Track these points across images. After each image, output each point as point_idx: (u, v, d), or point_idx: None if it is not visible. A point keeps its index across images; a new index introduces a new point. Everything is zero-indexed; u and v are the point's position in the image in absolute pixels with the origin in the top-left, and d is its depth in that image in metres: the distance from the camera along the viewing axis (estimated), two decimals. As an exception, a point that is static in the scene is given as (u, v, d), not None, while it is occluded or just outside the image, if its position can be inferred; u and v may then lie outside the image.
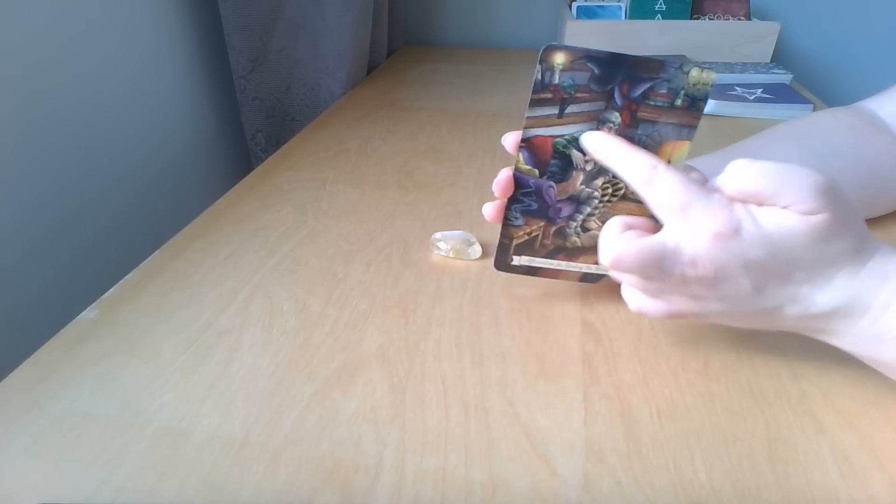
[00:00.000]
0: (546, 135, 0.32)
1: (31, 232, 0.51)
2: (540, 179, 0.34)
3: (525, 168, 0.34)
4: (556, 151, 0.33)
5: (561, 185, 0.34)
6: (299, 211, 0.50)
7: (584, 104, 0.31)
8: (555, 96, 0.31)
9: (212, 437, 0.29)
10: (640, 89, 0.30)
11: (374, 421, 0.30)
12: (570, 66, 0.30)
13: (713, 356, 0.34)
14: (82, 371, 0.33)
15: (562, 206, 0.34)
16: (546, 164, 0.33)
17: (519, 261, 0.37)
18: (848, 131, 0.45)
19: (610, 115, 0.31)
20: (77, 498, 0.26)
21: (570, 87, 0.31)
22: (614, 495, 0.26)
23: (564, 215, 0.35)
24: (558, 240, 0.36)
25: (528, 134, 0.33)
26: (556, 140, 0.32)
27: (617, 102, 0.31)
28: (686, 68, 0.30)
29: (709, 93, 0.30)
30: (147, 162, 0.65)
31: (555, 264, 0.37)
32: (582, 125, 0.32)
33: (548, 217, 0.35)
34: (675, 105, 0.31)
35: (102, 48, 0.57)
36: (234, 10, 0.72)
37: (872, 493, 0.26)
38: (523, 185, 0.34)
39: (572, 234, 0.35)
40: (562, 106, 0.31)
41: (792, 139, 0.45)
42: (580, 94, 0.31)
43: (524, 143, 0.33)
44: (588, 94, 0.31)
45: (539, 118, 0.32)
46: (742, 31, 0.86)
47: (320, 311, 0.38)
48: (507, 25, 1.11)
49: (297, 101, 0.81)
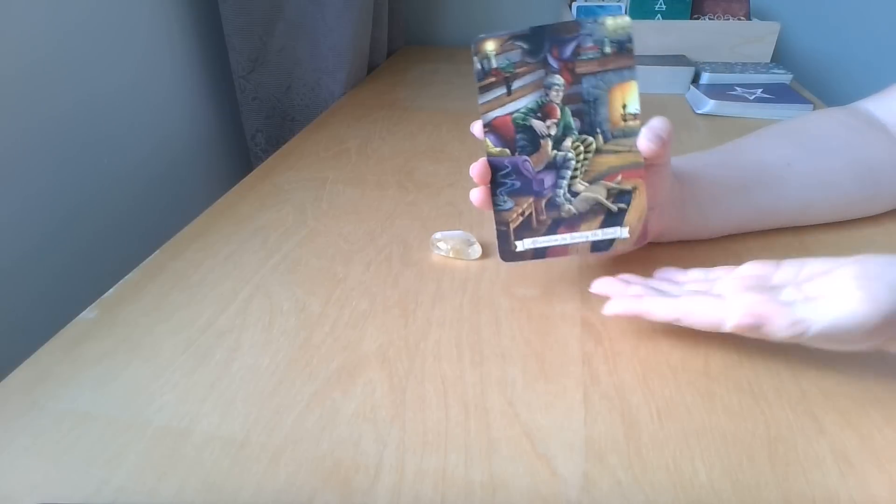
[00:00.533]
0: (503, 114, 0.35)
1: (31, 232, 0.51)
2: (513, 157, 0.35)
3: (496, 151, 0.35)
4: (518, 126, 0.35)
5: (534, 156, 0.35)
6: (299, 211, 0.50)
7: (527, 77, 0.34)
8: (498, 78, 0.34)
9: (212, 437, 0.29)
10: (569, 49, 0.34)
11: (374, 421, 0.30)
12: (501, 49, 0.34)
13: (713, 356, 0.34)
14: (82, 371, 0.33)
15: (543, 176, 0.36)
16: (513, 140, 0.35)
17: (523, 245, 0.37)
18: (844, 130, 0.45)
19: (552, 79, 0.34)
20: (77, 498, 0.26)
21: (508, 66, 0.34)
22: (614, 495, 0.26)
23: (549, 185, 0.36)
24: (552, 212, 0.36)
25: (488, 118, 0.35)
26: (514, 116, 0.35)
27: (553, 66, 0.34)
28: (600, 20, 0.33)
29: (630, 35, 0.33)
30: (147, 162, 0.65)
31: (559, 239, 0.36)
32: (531, 95, 0.35)
33: (533, 191, 0.36)
34: (605, 53, 0.34)
35: (102, 48, 0.57)
36: (234, 10, 0.72)
37: (872, 493, 0.26)
38: (500, 167, 0.35)
39: (564, 203, 0.36)
40: (507, 84, 0.34)
41: (788, 138, 0.45)
42: (519, 70, 0.34)
43: (487, 128, 0.35)
44: (526, 67, 0.34)
45: (491, 101, 0.35)
46: (742, 31, 0.86)
47: (320, 311, 0.38)
48: (507, 26, 1.11)
49: (297, 101, 0.81)
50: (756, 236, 0.45)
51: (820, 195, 0.43)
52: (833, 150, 0.44)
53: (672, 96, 0.81)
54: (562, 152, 0.35)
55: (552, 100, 0.34)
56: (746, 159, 0.43)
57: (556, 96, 0.34)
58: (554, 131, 0.35)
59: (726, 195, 0.42)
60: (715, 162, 0.42)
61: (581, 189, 0.35)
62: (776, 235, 0.45)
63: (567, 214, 0.36)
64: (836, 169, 0.43)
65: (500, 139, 0.35)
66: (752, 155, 0.43)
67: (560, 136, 0.35)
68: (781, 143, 0.44)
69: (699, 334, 0.35)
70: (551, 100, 0.34)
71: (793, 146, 0.44)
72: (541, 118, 0.35)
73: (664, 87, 0.82)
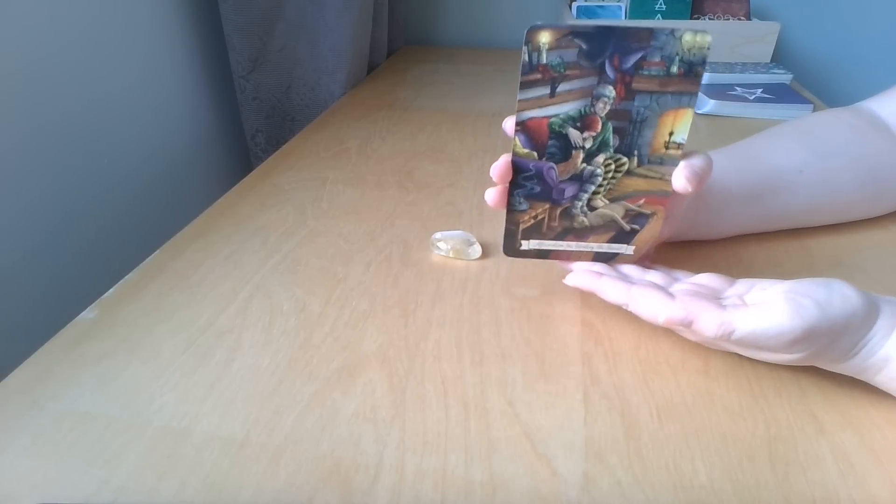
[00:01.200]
0: (540, 116, 0.32)
1: (32, 232, 0.51)
2: (540, 162, 0.33)
3: (523, 152, 0.33)
4: (553, 132, 0.32)
5: (561, 165, 0.33)
6: (299, 211, 0.50)
7: (576, 81, 0.31)
8: (544, 76, 0.31)
9: (212, 437, 0.29)
10: (632, 60, 0.30)
11: (374, 421, 0.30)
12: (556, 45, 0.30)
13: (713, 356, 0.34)
14: (82, 371, 0.33)
15: (565, 186, 0.34)
16: (544, 145, 0.33)
17: (528, 245, 0.36)
18: (849, 131, 0.45)
19: (603, 90, 0.31)
20: (77, 498, 0.26)
21: (558, 65, 0.30)
22: (614, 495, 0.26)
23: (569, 196, 0.34)
24: (565, 221, 0.35)
25: (522, 117, 0.32)
26: (551, 121, 0.32)
27: (609, 76, 0.31)
28: (678, 33, 0.29)
29: (706, 56, 0.29)
30: (147, 162, 0.65)
31: (565, 245, 0.36)
32: (575, 102, 0.31)
33: (552, 199, 0.34)
34: (670, 73, 0.30)
35: (102, 48, 0.57)
36: (234, 10, 0.72)
37: (872, 493, 0.26)
38: (523, 168, 0.34)
39: (579, 214, 0.35)
40: (553, 85, 0.31)
41: (799, 142, 0.44)
42: (570, 72, 0.31)
43: (519, 127, 0.32)
44: (578, 70, 0.30)
45: (531, 100, 0.31)
46: (742, 31, 0.86)
47: (320, 311, 0.38)
48: (507, 25, 1.11)
49: (297, 101, 0.81)
50: (759, 238, 0.45)
51: (826, 199, 0.44)
52: (839, 153, 0.44)
53: (672, 96, 0.81)
54: (591, 167, 0.33)
55: (597, 112, 0.32)
56: (761, 166, 0.43)
57: (602, 109, 0.31)
58: (589, 144, 0.32)
59: (738, 202, 0.42)
60: (731, 168, 0.42)
61: (600, 205, 0.34)
62: (777, 238, 0.45)
63: (579, 226, 0.35)
64: (842, 172, 0.43)
65: (531, 141, 0.33)
66: (767, 162, 0.43)
67: (594, 150, 0.33)
68: (794, 148, 0.44)
69: (699, 334, 0.35)
70: (596, 112, 0.32)
71: (804, 151, 0.44)
72: (579, 128, 0.32)
73: (664, 87, 0.82)
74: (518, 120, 0.32)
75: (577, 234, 0.36)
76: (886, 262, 0.42)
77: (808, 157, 0.43)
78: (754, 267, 0.41)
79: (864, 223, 0.46)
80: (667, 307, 0.29)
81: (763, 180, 0.42)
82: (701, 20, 0.88)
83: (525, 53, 0.30)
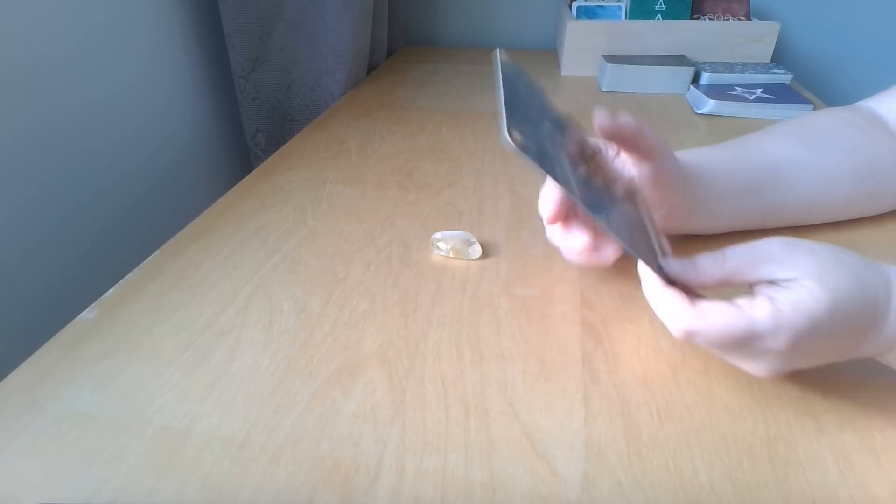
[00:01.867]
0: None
1: (32, 232, 0.51)
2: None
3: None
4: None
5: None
6: (299, 211, 0.50)
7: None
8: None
9: (212, 437, 0.29)
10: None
11: (374, 421, 0.30)
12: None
13: (713, 356, 0.34)
14: (82, 371, 0.33)
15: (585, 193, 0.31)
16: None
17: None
18: (847, 129, 0.45)
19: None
20: (77, 498, 0.26)
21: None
22: (614, 495, 0.26)
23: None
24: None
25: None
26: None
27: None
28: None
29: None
30: (147, 162, 0.65)
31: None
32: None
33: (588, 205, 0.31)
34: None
35: (102, 48, 0.57)
36: (234, 10, 0.72)
37: (872, 493, 0.26)
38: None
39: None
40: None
41: (795, 137, 0.45)
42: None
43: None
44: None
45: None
46: (742, 31, 0.86)
47: (320, 311, 0.38)
48: (507, 25, 1.11)
49: (297, 101, 0.81)
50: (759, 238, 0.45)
51: (824, 195, 0.44)
52: (837, 149, 0.44)
53: (672, 96, 0.81)
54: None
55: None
56: (756, 158, 0.43)
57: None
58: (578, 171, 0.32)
59: (735, 194, 0.42)
60: (725, 159, 0.42)
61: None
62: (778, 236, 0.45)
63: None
64: (840, 168, 0.43)
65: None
66: (761, 154, 0.43)
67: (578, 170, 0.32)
68: (789, 142, 0.44)
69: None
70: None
71: (800, 145, 0.44)
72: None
73: (664, 87, 0.82)
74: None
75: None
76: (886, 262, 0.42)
77: (805, 152, 0.43)
78: (754, 267, 0.41)
79: (863, 223, 0.46)
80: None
81: (761, 173, 0.42)
82: (701, 20, 0.88)
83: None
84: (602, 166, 0.36)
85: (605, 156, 0.37)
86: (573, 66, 0.92)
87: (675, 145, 0.63)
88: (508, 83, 0.30)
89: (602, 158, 0.37)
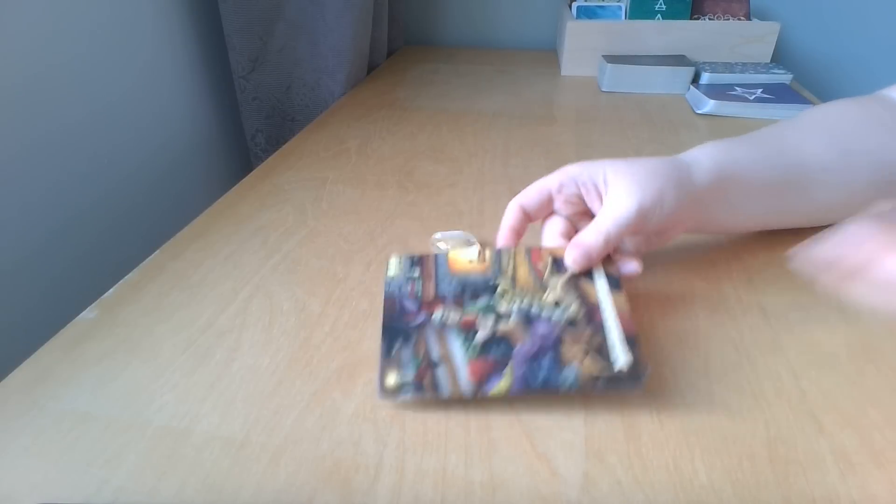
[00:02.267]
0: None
1: (32, 232, 0.51)
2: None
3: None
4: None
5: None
6: (299, 211, 0.50)
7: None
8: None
9: (212, 437, 0.29)
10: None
11: (374, 421, 0.30)
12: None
13: (713, 356, 0.34)
14: (82, 371, 0.33)
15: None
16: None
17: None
18: (878, 128, 0.43)
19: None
20: (77, 498, 0.26)
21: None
22: (614, 495, 0.26)
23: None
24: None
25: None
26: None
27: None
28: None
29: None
30: (147, 162, 0.65)
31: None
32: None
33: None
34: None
35: (102, 49, 0.57)
36: (234, 10, 0.72)
37: (872, 493, 0.26)
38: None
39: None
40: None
41: (823, 132, 0.43)
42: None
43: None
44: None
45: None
46: (742, 31, 0.86)
47: (320, 311, 0.38)
48: (507, 25, 1.11)
49: (297, 101, 0.81)
50: (759, 238, 0.45)
51: (843, 200, 0.43)
52: (864, 152, 0.43)
53: (672, 96, 0.81)
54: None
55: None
56: (786, 161, 0.42)
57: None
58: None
59: (761, 195, 0.41)
60: (759, 159, 0.41)
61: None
62: (778, 237, 0.45)
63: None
64: (862, 173, 0.43)
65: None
66: (795, 157, 0.42)
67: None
68: (822, 144, 0.43)
69: (699, 334, 0.35)
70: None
71: (831, 148, 0.43)
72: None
73: (664, 87, 0.82)
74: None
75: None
76: (886, 262, 0.42)
77: (833, 155, 0.42)
78: (754, 267, 0.41)
79: (864, 223, 0.46)
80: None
81: (788, 175, 0.42)
82: (701, 20, 0.88)
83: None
84: (533, 273, 0.35)
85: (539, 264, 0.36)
86: (573, 66, 0.92)
87: (674, 145, 0.63)
88: (391, 305, 0.34)
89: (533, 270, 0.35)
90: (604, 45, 0.89)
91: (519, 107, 0.77)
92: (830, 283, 0.28)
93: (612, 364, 0.29)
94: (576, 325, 0.31)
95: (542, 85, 0.87)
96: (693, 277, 0.40)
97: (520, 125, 0.70)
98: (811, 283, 0.30)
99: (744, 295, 0.39)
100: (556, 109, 0.76)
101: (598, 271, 0.34)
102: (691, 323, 0.36)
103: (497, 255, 0.35)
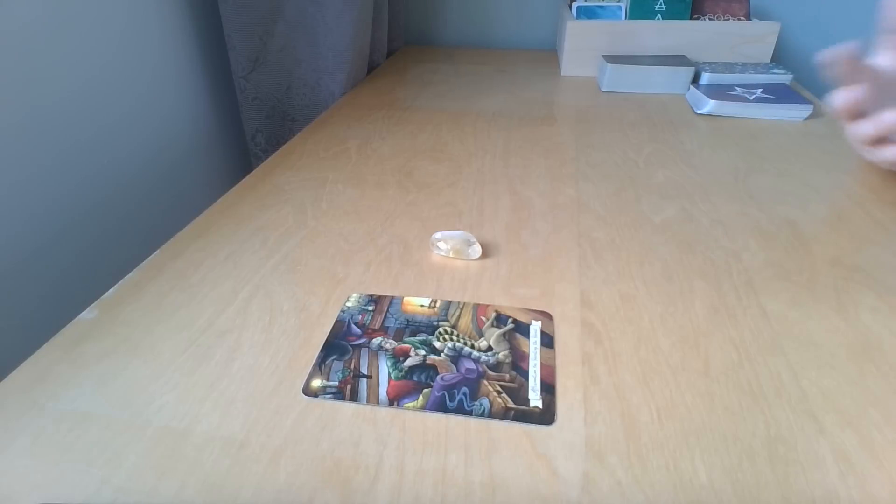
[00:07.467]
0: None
1: (32, 232, 0.51)
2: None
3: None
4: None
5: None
6: (299, 211, 0.50)
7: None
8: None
9: (212, 437, 0.29)
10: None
11: (374, 421, 0.30)
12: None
13: (713, 356, 0.34)
14: (82, 371, 0.33)
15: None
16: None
17: None
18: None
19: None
20: (77, 498, 0.26)
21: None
22: (614, 495, 0.26)
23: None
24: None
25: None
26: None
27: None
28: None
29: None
30: (147, 162, 0.65)
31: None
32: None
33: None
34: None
35: (102, 49, 0.57)
36: (234, 10, 0.72)
37: (872, 493, 0.26)
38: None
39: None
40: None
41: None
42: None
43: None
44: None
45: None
46: (742, 31, 0.86)
47: (320, 311, 0.38)
48: (507, 25, 1.11)
49: (297, 101, 0.81)
50: (758, 238, 0.45)
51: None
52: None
53: (672, 96, 0.81)
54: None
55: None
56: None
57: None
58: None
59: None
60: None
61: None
62: (778, 237, 0.45)
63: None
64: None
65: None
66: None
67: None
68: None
69: (699, 334, 0.35)
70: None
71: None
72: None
73: (664, 87, 0.82)
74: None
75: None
76: (886, 262, 0.42)
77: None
78: (754, 267, 0.41)
79: (863, 223, 0.46)
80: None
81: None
82: (701, 20, 0.88)
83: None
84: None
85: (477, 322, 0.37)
86: (573, 66, 0.92)
87: (674, 145, 0.63)
88: (339, 327, 0.36)
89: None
90: (604, 45, 0.89)
91: (519, 107, 0.77)
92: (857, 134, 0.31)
93: (527, 401, 0.31)
94: (500, 368, 0.33)
95: (542, 85, 0.87)
96: (693, 277, 0.40)
97: (519, 125, 0.70)
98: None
99: (744, 295, 0.39)
100: (556, 109, 0.76)
101: (534, 329, 0.36)
102: (691, 323, 0.36)
103: (447, 304, 0.38)
